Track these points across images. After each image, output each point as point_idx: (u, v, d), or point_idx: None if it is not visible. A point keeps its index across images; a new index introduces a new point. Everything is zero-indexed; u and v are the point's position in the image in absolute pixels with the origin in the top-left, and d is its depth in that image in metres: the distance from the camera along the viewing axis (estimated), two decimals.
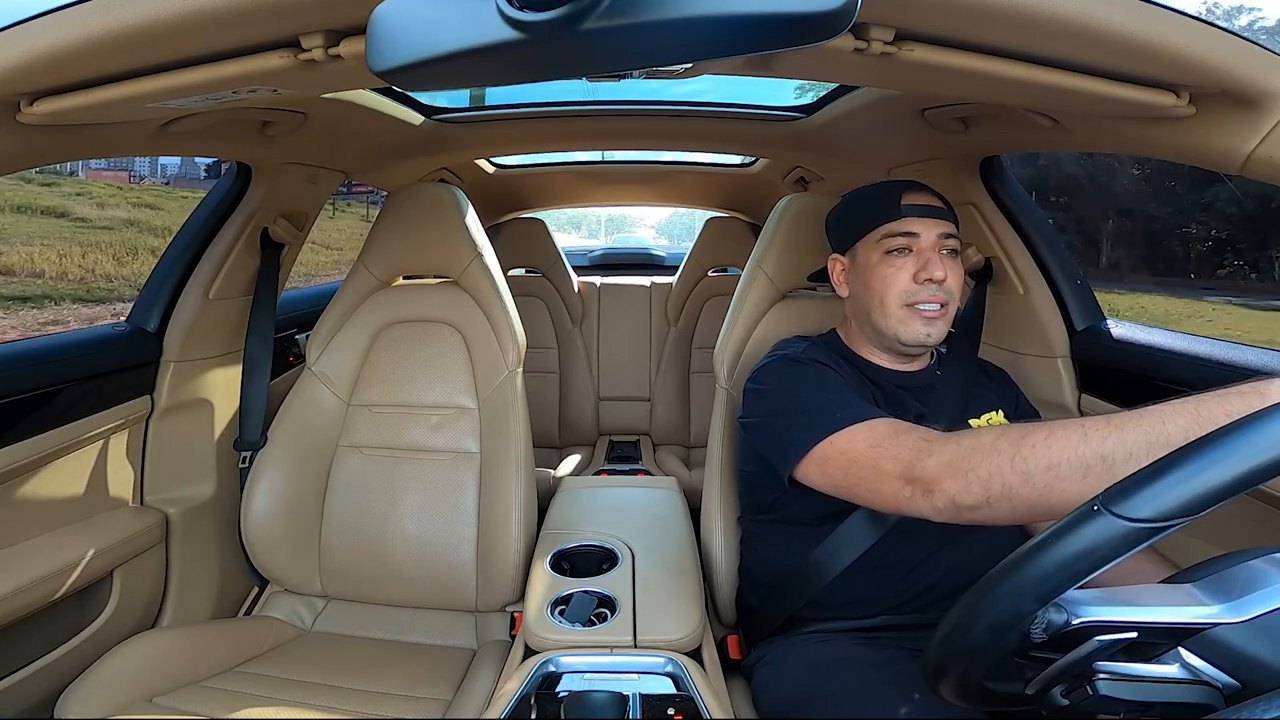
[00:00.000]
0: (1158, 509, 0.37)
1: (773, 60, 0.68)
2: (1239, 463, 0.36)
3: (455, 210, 1.20)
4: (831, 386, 0.82)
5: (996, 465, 0.58)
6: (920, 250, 0.85)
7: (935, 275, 0.83)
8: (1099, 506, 0.39)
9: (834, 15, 0.33)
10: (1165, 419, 0.51)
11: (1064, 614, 0.42)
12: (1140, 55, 0.56)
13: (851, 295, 0.93)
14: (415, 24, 0.39)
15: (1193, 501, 0.36)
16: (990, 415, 0.89)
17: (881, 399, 0.87)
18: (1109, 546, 0.38)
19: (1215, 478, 0.36)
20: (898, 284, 0.85)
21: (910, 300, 0.85)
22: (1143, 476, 0.38)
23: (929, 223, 0.85)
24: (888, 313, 0.86)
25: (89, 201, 8.39)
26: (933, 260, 0.84)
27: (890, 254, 0.86)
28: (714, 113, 1.48)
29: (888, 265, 0.86)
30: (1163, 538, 0.37)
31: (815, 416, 0.78)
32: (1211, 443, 0.37)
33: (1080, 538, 0.39)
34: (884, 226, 0.87)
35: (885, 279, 0.86)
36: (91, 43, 0.57)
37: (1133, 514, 0.37)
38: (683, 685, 0.73)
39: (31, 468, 0.94)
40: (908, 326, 0.86)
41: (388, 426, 1.20)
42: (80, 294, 6.63)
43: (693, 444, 2.25)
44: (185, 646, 0.99)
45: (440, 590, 1.13)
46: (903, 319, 0.86)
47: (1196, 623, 0.41)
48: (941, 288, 0.84)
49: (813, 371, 0.85)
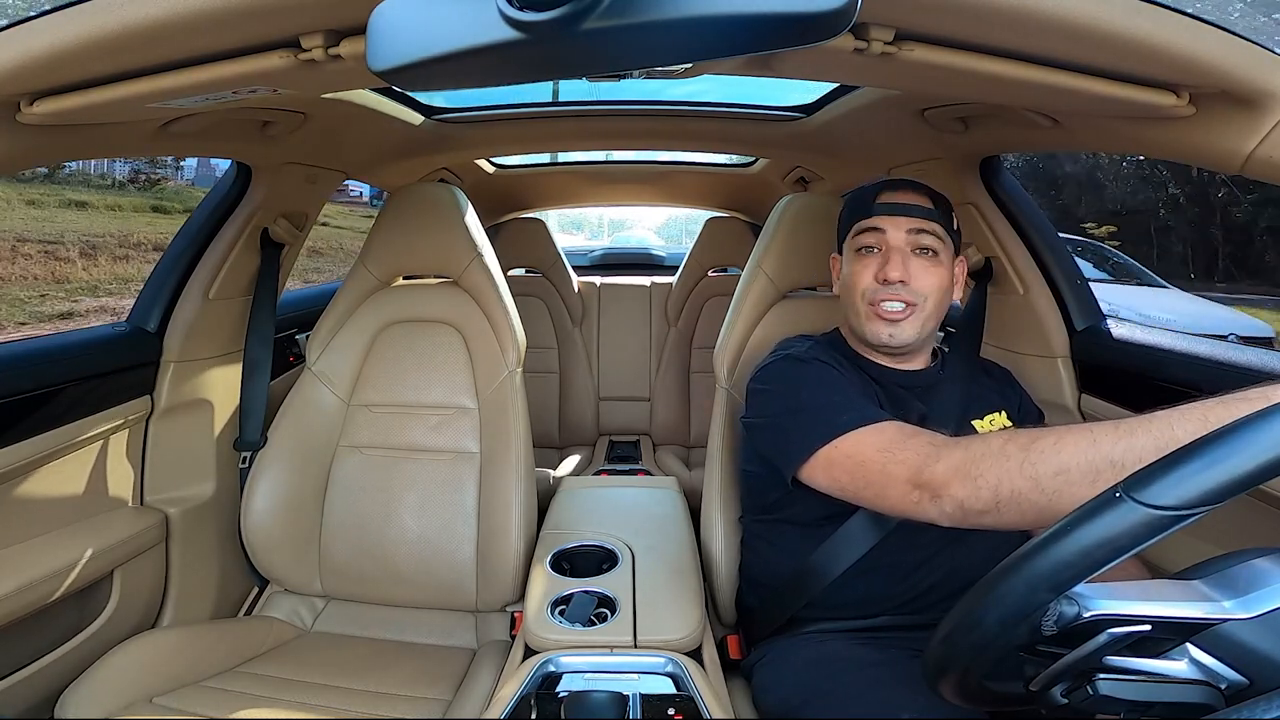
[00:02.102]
0: (1182, 496, 0.36)
1: (773, 60, 0.68)
2: (1263, 450, 0.35)
3: (455, 210, 1.20)
4: (836, 387, 0.82)
5: (1005, 470, 0.58)
6: (886, 249, 0.85)
7: (890, 275, 0.83)
8: (1121, 493, 0.38)
9: (834, 15, 0.33)
10: (1174, 424, 0.51)
11: (1076, 606, 0.41)
12: (1140, 55, 0.56)
13: (840, 294, 0.94)
14: (415, 24, 0.39)
15: (1217, 489, 0.36)
16: (993, 416, 0.89)
17: (884, 398, 0.86)
18: (1130, 535, 0.37)
19: (1239, 465, 0.36)
20: (861, 283, 0.86)
21: (872, 299, 0.85)
22: (1167, 462, 0.38)
23: (898, 221, 0.84)
24: (858, 311, 0.87)
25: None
26: (892, 260, 0.83)
27: (860, 252, 0.87)
28: (714, 113, 1.48)
29: (856, 263, 0.87)
30: (1184, 526, 0.36)
31: (820, 418, 0.77)
32: (1235, 431, 0.37)
33: (1101, 525, 0.38)
34: (857, 224, 0.88)
35: (853, 278, 0.87)
36: (91, 43, 0.57)
37: (1156, 501, 0.37)
38: (683, 685, 0.73)
39: (31, 468, 0.94)
40: (872, 325, 0.86)
41: (388, 426, 1.20)
42: None
43: (693, 444, 2.25)
44: (185, 646, 0.99)
45: (440, 590, 1.13)
46: (868, 316, 0.86)
47: (1208, 618, 0.40)
48: (906, 289, 0.83)
49: (816, 371, 0.84)
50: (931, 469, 0.63)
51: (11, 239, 4.44)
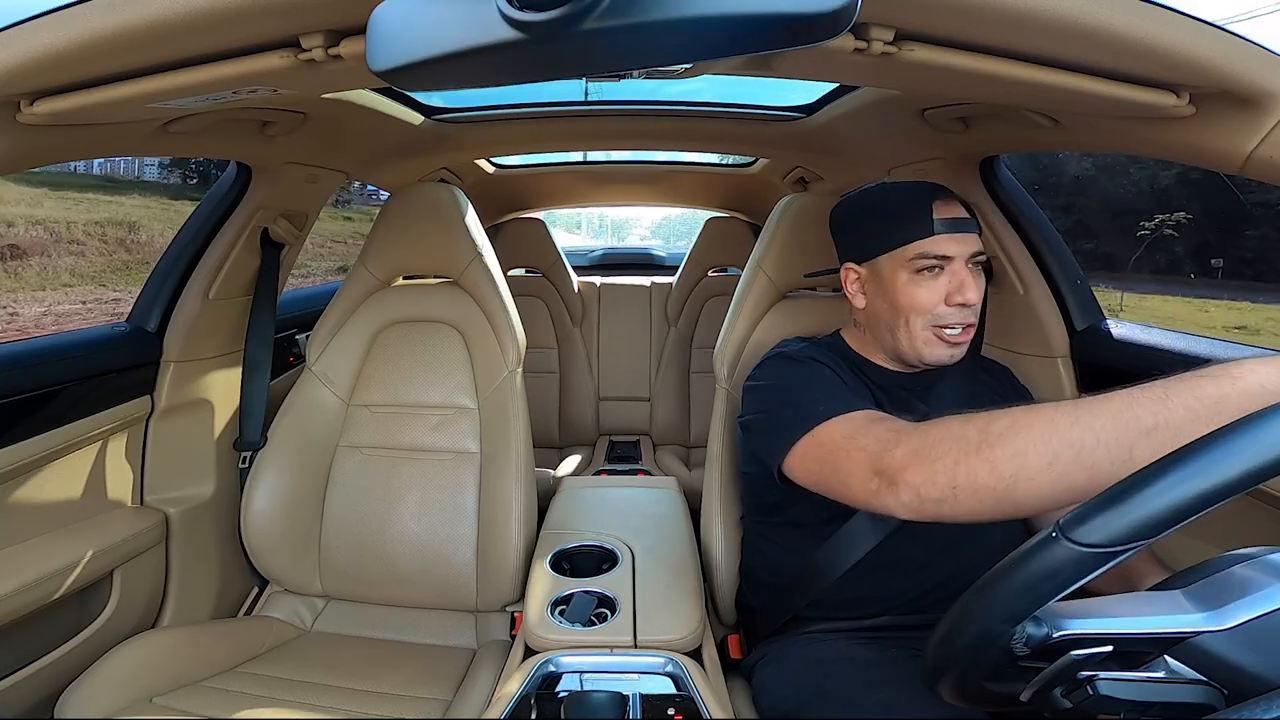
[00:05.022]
0: (1110, 535, 0.38)
1: (773, 60, 0.68)
2: (1189, 489, 0.37)
3: (455, 210, 1.20)
4: (822, 382, 0.80)
5: (963, 451, 0.56)
6: (954, 272, 0.80)
7: (970, 299, 0.79)
8: (1056, 534, 0.40)
9: (834, 15, 0.33)
10: (1134, 402, 0.50)
11: (1044, 628, 0.43)
12: (1140, 55, 0.56)
13: (870, 308, 0.88)
14: (415, 24, 0.39)
15: (1144, 528, 0.37)
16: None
17: (885, 401, 0.86)
18: (1067, 572, 0.39)
19: (1165, 504, 0.37)
20: (928, 304, 0.81)
21: (939, 322, 0.81)
22: (1097, 504, 0.40)
23: (963, 239, 0.80)
24: (913, 333, 0.83)
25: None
26: (967, 282, 0.79)
27: (920, 273, 0.81)
28: (714, 113, 1.48)
29: (917, 285, 0.81)
30: (1119, 562, 0.38)
31: (800, 411, 0.76)
32: (1161, 471, 0.38)
33: (1040, 563, 0.40)
34: (917, 244, 0.81)
35: (914, 299, 0.81)
36: (91, 43, 0.57)
37: (1087, 540, 0.39)
38: (683, 685, 0.73)
39: (31, 468, 0.94)
40: (932, 348, 0.83)
41: (388, 426, 1.20)
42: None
43: (693, 444, 2.25)
44: (185, 646, 0.99)
45: (440, 590, 1.13)
46: (928, 340, 0.82)
47: (1178, 632, 0.41)
48: (970, 309, 0.81)
49: (806, 369, 0.83)
50: (891, 454, 0.62)
51: (326, 239, 9.23)
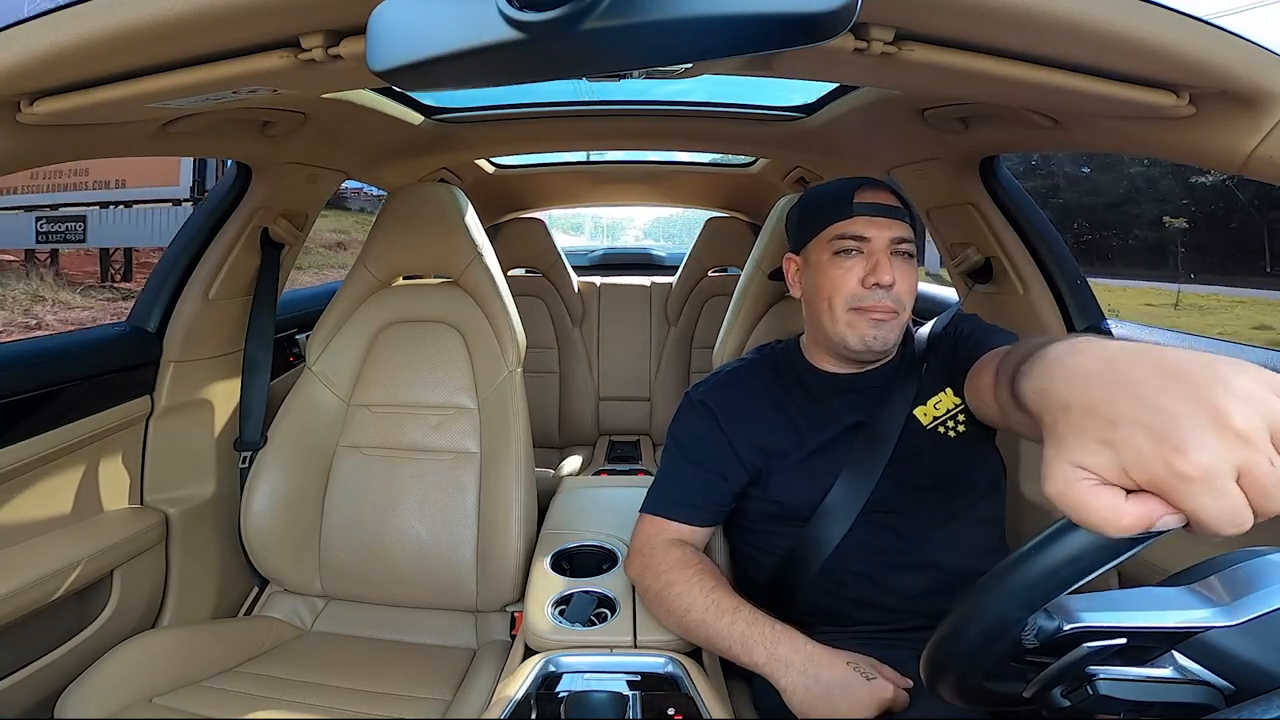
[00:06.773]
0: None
1: (773, 60, 0.68)
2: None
3: (455, 210, 1.20)
4: (691, 457, 0.89)
5: (666, 614, 0.81)
6: (870, 252, 0.82)
7: (883, 279, 0.80)
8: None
9: (834, 15, 0.33)
10: (752, 634, 0.74)
11: (1055, 620, 0.42)
12: (1140, 55, 0.56)
13: (805, 297, 0.90)
14: (415, 24, 0.39)
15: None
16: (938, 398, 0.86)
17: (815, 409, 0.87)
18: (1091, 555, 0.38)
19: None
20: (845, 286, 0.82)
21: (857, 304, 0.82)
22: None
23: (881, 223, 0.82)
24: (835, 316, 0.83)
25: None
26: (881, 263, 0.80)
27: (839, 255, 0.83)
28: (714, 113, 1.48)
29: (836, 266, 0.83)
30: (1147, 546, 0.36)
31: (657, 487, 0.91)
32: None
33: (1065, 546, 0.39)
34: (834, 226, 0.83)
35: (834, 280, 0.83)
36: (91, 43, 0.57)
37: None
38: (683, 685, 0.73)
39: (32, 468, 0.94)
40: (854, 330, 0.83)
41: (388, 426, 1.20)
42: None
43: None
44: (185, 646, 0.99)
45: (440, 590, 1.13)
46: (850, 322, 0.83)
47: (1188, 627, 0.41)
48: (890, 294, 0.81)
49: (685, 429, 0.91)
50: (642, 582, 0.85)
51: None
